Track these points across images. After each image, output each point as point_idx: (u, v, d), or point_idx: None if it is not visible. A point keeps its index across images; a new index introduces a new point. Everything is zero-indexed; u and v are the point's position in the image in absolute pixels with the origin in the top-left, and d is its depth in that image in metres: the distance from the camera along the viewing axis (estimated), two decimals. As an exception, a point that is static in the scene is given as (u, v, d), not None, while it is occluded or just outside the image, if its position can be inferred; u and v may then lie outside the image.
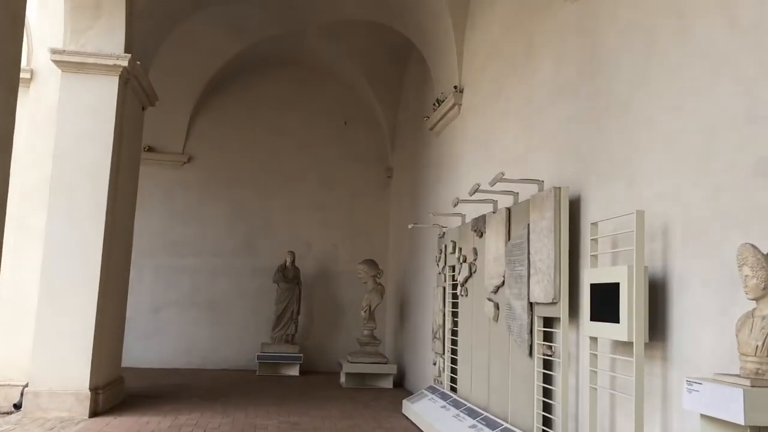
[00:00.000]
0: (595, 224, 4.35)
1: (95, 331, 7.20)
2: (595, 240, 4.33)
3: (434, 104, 9.04)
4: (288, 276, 11.88)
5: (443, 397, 7.33)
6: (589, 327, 4.24)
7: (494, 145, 6.91)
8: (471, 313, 6.71)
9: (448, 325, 7.55)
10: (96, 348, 7.24)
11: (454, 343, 7.60)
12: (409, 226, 8.37)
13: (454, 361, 7.55)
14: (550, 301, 4.76)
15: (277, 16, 11.05)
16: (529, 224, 5.23)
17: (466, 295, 6.88)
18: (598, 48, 4.80)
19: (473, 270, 6.70)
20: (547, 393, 4.90)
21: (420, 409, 7.36)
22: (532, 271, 5.13)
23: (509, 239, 5.70)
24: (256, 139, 12.75)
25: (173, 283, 12.20)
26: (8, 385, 7.62)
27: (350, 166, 12.96)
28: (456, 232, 7.45)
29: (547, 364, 4.99)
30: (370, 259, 11.16)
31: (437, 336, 7.92)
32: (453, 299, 7.70)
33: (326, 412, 7.97)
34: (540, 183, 5.28)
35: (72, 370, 7.06)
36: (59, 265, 7.19)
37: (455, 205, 6.73)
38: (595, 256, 4.33)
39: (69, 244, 7.22)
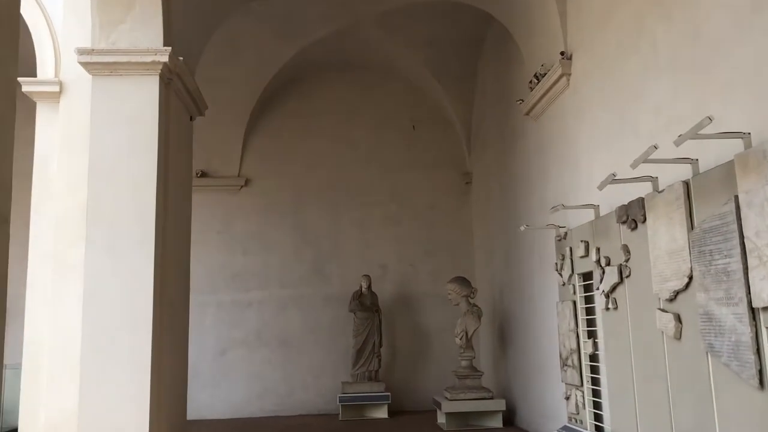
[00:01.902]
0: None
1: (152, 379, 5.87)
2: None
3: (530, 83, 7.53)
4: (365, 303, 10.43)
5: (587, 440, 5.69)
6: None
7: (635, 110, 5.33)
8: (627, 331, 5.07)
9: (587, 350, 5.92)
10: (154, 399, 5.90)
11: (595, 370, 5.96)
12: (521, 228, 6.81)
13: (597, 394, 5.91)
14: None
15: (328, 11, 9.79)
16: (736, 196, 3.63)
17: (616, 308, 5.26)
18: None
19: (625, 274, 5.08)
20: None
21: (561, 459, 5.74)
22: (751, 262, 3.51)
23: (694, 224, 4.10)
24: (317, 154, 11.46)
25: (238, 321, 10.91)
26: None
27: (423, 175, 11.50)
28: (587, 229, 5.86)
29: (795, 399, 3.35)
30: (460, 276, 9.60)
31: (569, 363, 6.29)
32: (588, 315, 6.08)
33: (436, 466, 6.42)
34: (745, 136, 3.69)
35: (126, 427, 5.73)
36: (103, 304, 5.91)
37: (601, 189, 5.14)
38: None
39: (113, 279, 5.95)
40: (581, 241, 5.93)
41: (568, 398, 6.39)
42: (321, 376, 10.74)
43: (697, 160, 4.18)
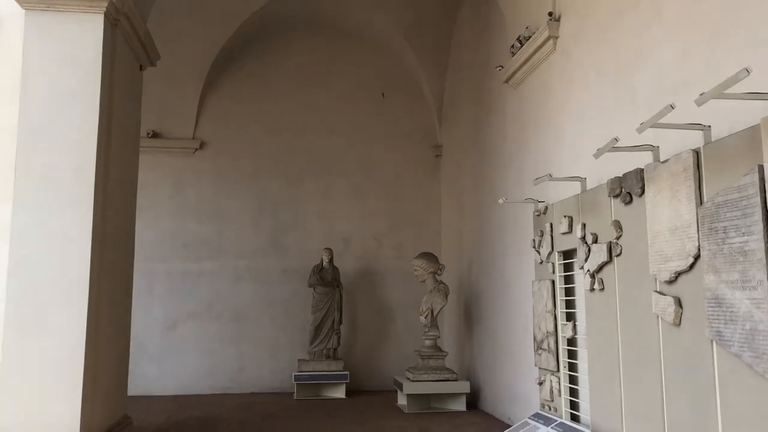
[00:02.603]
0: None
1: (87, 354, 5.22)
2: None
3: (512, 48, 7.01)
4: (326, 278, 9.89)
5: (561, 428, 5.30)
6: None
7: (633, 74, 4.86)
8: (615, 315, 4.66)
9: (565, 333, 5.51)
10: (89, 377, 5.27)
11: (573, 355, 5.57)
12: (500, 201, 6.32)
13: (575, 381, 5.52)
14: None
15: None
16: (761, 165, 3.18)
17: (602, 289, 4.84)
18: None
19: (615, 252, 4.65)
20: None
21: (534, 449, 5.35)
22: (776, 241, 3.08)
23: (703, 197, 3.66)
24: (279, 119, 10.78)
25: (190, 292, 10.25)
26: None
27: (392, 146, 10.95)
28: (572, 203, 5.41)
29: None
30: (427, 252, 9.13)
31: (544, 347, 5.88)
32: (567, 296, 5.67)
33: (399, 454, 5.98)
34: (773, 98, 3.24)
35: (54, 412, 5.09)
36: (32, 271, 5.23)
37: (598, 157, 4.66)
38: None
39: (44, 243, 5.27)
40: (564, 216, 5.48)
41: (541, 384, 5.99)
42: (276, 353, 10.20)
43: (709, 126, 3.74)
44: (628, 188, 4.45)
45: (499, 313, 7.80)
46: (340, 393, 9.47)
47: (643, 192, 4.30)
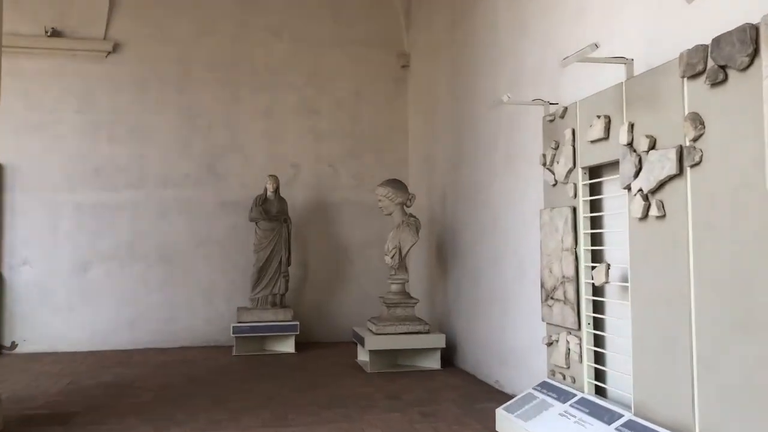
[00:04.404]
0: None
1: None
2: None
3: None
4: (271, 211, 8.21)
5: (585, 406, 3.87)
6: None
7: None
8: (685, 254, 3.14)
9: (596, 278, 3.98)
10: None
11: (600, 308, 4.10)
12: (504, 98, 4.66)
13: (600, 342, 4.08)
14: None
15: None
16: None
17: (663, 217, 3.31)
18: None
19: (689, 161, 3.10)
20: None
21: (542, 430, 3.91)
22: None
23: None
24: (213, 16, 8.84)
25: (105, 229, 8.44)
26: None
27: (350, 54, 9.15)
28: (610, 97, 3.82)
29: None
30: (394, 179, 7.51)
31: (558, 296, 4.39)
32: (594, 228, 4.16)
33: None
34: None
35: None
36: None
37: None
38: None
39: None
40: (598, 116, 3.90)
41: (550, 344, 4.53)
42: (212, 300, 8.57)
43: None
44: (724, 59, 2.86)
45: (483, 251, 6.30)
46: (288, 347, 7.96)
47: (751, 62, 2.73)
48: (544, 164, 4.64)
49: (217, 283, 8.60)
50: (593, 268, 4.03)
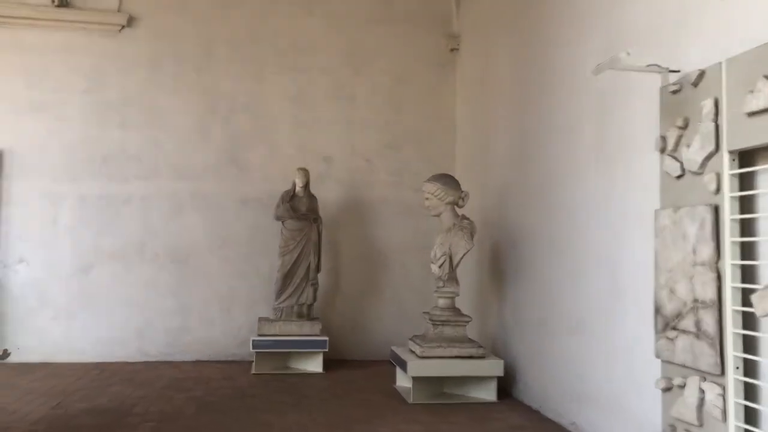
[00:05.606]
0: None
1: None
2: None
3: None
4: (299, 209, 7.16)
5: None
6: None
7: None
8: None
9: (757, 306, 2.84)
10: None
11: (752, 347, 2.97)
12: (623, 55, 3.51)
13: (753, 395, 2.94)
14: None
15: None
16: None
17: None
18: None
19: None
20: None
21: None
22: None
23: None
24: (238, -11, 7.86)
25: (111, 224, 7.49)
26: None
27: (392, 34, 8.10)
28: (789, 48, 2.70)
29: None
30: (444, 174, 6.42)
31: (683, 326, 3.25)
32: (747, 235, 3.03)
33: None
34: None
35: None
36: None
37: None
38: None
39: None
40: (764, 77, 2.78)
41: (669, 389, 3.39)
42: (230, 309, 7.56)
43: None
44: None
45: (557, 263, 5.17)
46: (315, 366, 6.91)
47: None
48: (663, 150, 3.52)
49: (236, 290, 7.58)
50: (749, 291, 2.89)
